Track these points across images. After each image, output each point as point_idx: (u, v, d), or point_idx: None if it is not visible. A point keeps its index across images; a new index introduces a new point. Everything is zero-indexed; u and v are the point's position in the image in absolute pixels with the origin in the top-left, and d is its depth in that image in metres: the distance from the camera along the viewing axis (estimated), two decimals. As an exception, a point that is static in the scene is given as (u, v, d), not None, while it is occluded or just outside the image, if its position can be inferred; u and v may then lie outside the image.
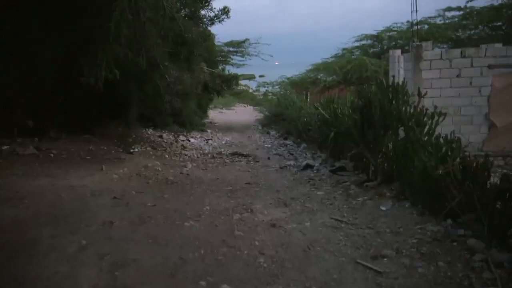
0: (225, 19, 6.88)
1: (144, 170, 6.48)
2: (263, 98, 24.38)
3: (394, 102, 5.37)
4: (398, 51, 11.24)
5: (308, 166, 7.38)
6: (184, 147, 9.42)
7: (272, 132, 13.27)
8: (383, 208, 4.34)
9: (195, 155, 8.70)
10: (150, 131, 10.66)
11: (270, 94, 19.97)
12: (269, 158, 8.72)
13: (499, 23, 15.12)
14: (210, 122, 16.37)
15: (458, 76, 8.00)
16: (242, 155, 9.08)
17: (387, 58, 13.86)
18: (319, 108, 7.47)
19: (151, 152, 8.20)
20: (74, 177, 5.49)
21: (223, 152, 9.25)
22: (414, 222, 3.78)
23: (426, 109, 5.09)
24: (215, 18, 6.81)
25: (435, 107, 5.01)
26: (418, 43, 8.13)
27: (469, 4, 14.90)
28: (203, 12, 6.98)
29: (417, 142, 4.59)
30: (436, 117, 4.92)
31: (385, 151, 5.53)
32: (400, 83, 5.60)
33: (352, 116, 5.79)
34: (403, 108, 5.25)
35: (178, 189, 5.43)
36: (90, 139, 8.58)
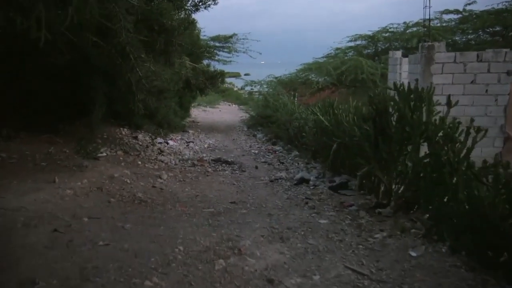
0: (212, 5, 5.66)
1: (108, 183, 5.25)
2: (248, 97, 23.15)
3: (417, 111, 4.30)
4: (399, 53, 10.24)
5: (303, 180, 6.26)
6: (161, 151, 8.18)
7: (259, 135, 12.10)
8: (413, 254, 3.24)
9: (173, 162, 7.48)
10: (125, 131, 9.37)
11: (256, 93, 18.76)
12: (256, 167, 7.57)
13: (498, 28, 14.25)
14: (193, 122, 15.11)
15: (472, 82, 7.00)
16: (227, 162, 7.91)
17: (384, 60, 12.89)
18: (318, 114, 6.35)
19: (121, 158, 6.94)
20: (13, 194, 4.24)
21: (205, 158, 8.05)
22: (466, 285, 2.68)
23: (459, 122, 4.02)
24: (200, 3, 5.60)
25: (471, 120, 3.94)
26: (429, 43, 7.11)
27: (467, 8, 14.00)
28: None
29: (455, 165, 3.51)
30: (473, 133, 3.85)
31: (402, 171, 4.45)
32: (401, 88, 4.53)
33: (362, 127, 4.68)
34: (430, 120, 4.17)
35: (146, 213, 4.23)
36: (52, 140, 7.25)
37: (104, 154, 6.99)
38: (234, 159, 8.29)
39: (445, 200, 3.52)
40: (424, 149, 4.27)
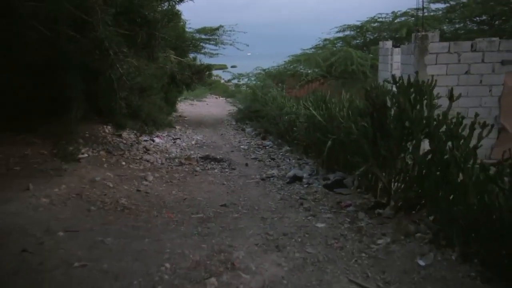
0: (196, -4, 5.25)
1: (88, 188, 4.87)
2: (236, 90, 22.72)
3: (418, 106, 4.01)
4: (389, 43, 9.96)
5: (296, 178, 5.96)
6: (146, 150, 7.79)
7: (248, 129, 11.76)
8: (422, 263, 2.96)
9: (159, 161, 7.10)
10: (109, 129, 8.93)
11: (244, 86, 18.36)
12: (247, 165, 7.24)
13: (485, 17, 14.07)
14: (180, 116, 14.67)
15: (467, 72, 6.76)
16: (216, 160, 7.56)
17: (374, 51, 12.61)
18: (310, 108, 6.03)
19: (104, 159, 6.55)
20: (-19, 205, 3.85)
21: (192, 156, 7.69)
22: (486, 300, 2.41)
23: (462, 117, 3.73)
24: (185, -6, 5.20)
25: (476, 114, 3.66)
26: (423, 33, 6.82)
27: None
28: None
29: (462, 163, 3.23)
30: (478, 129, 3.57)
31: (402, 169, 4.18)
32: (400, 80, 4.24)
33: (359, 123, 4.38)
34: (431, 115, 3.89)
35: (130, 222, 3.88)
36: (29, 141, 6.82)
37: (86, 155, 6.59)
38: (223, 156, 7.95)
39: (452, 201, 3.25)
40: (424, 146, 4.01)
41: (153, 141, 8.64)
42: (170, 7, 5.43)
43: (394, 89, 4.28)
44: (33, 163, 5.69)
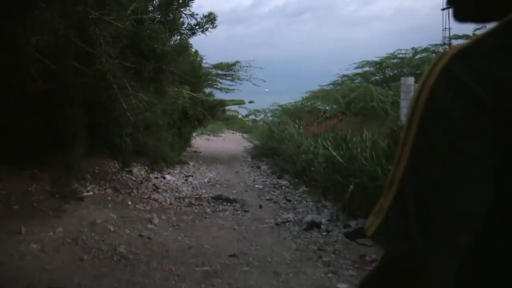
0: (209, 29, 5.00)
1: (87, 232, 4.45)
2: (252, 125, 22.47)
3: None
4: (411, 79, 9.53)
5: (313, 225, 5.42)
6: (156, 188, 7.40)
7: (263, 167, 11.30)
8: None
9: (168, 201, 6.68)
10: (119, 164, 8.63)
11: (260, 122, 18.08)
12: (261, 207, 6.75)
13: None
14: (195, 152, 14.37)
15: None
16: (228, 200, 7.10)
17: (394, 87, 12.20)
18: (330, 149, 5.58)
19: (109, 197, 6.16)
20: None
21: (204, 196, 7.24)
22: None
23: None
24: (197, 27, 4.93)
25: None
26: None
27: (478, 32, 13.36)
28: (183, 19, 5.12)
29: None
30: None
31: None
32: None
33: (385, 166, 3.89)
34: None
35: (125, 276, 3.42)
36: (36, 176, 6.52)
37: (91, 193, 6.23)
38: (236, 196, 7.48)
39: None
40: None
41: (164, 178, 8.26)
42: (181, 40, 5.16)
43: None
44: (34, 201, 5.34)
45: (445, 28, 7.73)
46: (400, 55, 13.57)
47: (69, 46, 4.27)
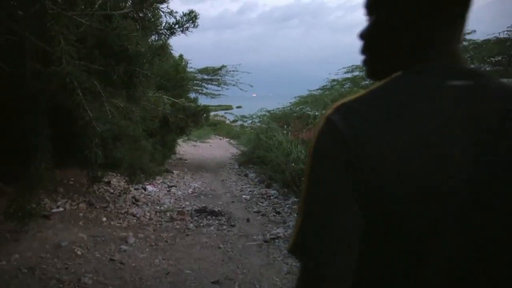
0: (190, 28, 4.46)
1: (48, 258, 3.86)
2: (240, 131, 21.94)
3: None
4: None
5: (306, 242, 4.90)
6: (135, 201, 6.81)
7: (251, 175, 10.78)
8: None
9: (148, 215, 6.10)
10: (102, 172, 7.99)
11: (248, 127, 17.54)
12: (248, 220, 6.21)
13: (500, 58, 13.32)
14: (180, 159, 13.78)
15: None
16: (213, 213, 6.55)
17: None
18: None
19: (81, 213, 5.56)
20: None
21: (186, 209, 6.68)
22: None
23: None
24: (176, 26, 4.39)
25: None
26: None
27: (468, 37, 13.08)
28: (160, 18, 4.58)
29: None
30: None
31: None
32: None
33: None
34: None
35: (85, 318, 2.84)
36: (2, 190, 5.89)
37: (61, 208, 5.63)
38: (222, 208, 6.94)
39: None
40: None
41: (145, 189, 7.67)
42: (159, 40, 4.61)
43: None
44: (-6, 221, 4.71)
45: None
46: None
47: (26, 45, 3.71)
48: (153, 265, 4.10)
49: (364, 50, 0.81)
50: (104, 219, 5.55)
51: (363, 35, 0.80)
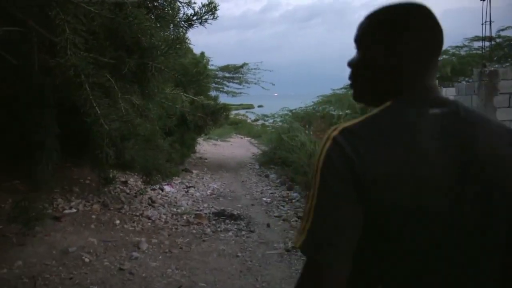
0: (209, 20, 4.11)
1: (54, 265, 3.56)
2: (261, 130, 21.54)
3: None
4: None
5: (331, 252, 4.47)
6: (152, 202, 6.50)
7: (272, 176, 10.36)
8: None
9: (163, 218, 5.78)
10: (114, 173, 7.74)
11: (269, 126, 17.14)
12: (268, 226, 5.81)
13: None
14: (200, 158, 13.47)
15: (549, 118, 5.27)
16: (232, 217, 6.18)
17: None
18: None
19: (94, 215, 5.28)
20: None
21: (204, 212, 6.33)
22: None
23: None
24: (194, 18, 4.04)
25: None
26: (491, 68, 5.43)
27: (503, 33, 12.30)
28: (177, 8, 4.24)
29: None
30: None
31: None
32: None
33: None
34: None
35: None
36: (18, 189, 5.67)
37: (73, 210, 5.37)
38: (241, 212, 6.56)
39: None
40: None
41: (162, 190, 7.36)
42: (176, 33, 4.26)
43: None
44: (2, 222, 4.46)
45: (486, 22, 6.78)
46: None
47: (32, 36, 3.41)
48: (165, 276, 3.75)
49: (351, 77, 0.94)
50: (118, 221, 5.25)
51: (351, 64, 0.93)
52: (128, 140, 3.39)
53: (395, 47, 0.84)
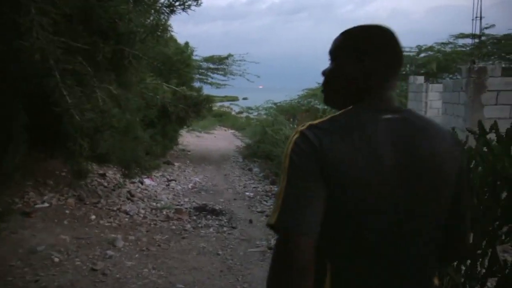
0: (193, 7, 3.86)
1: (19, 266, 3.29)
2: (245, 122, 21.30)
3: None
4: (421, 78, 8.47)
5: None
6: (130, 196, 6.23)
7: (255, 169, 10.17)
8: None
9: (142, 213, 5.53)
10: (91, 166, 7.41)
11: (254, 119, 16.91)
12: (251, 222, 5.62)
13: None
14: (183, 150, 13.18)
15: (536, 117, 5.18)
16: (213, 212, 5.97)
17: (399, 86, 11.13)
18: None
19: (68, 210, 4.99)
20: None
21: (185, 207, 6.10)
22: None
23: None
24: (176, 3, 3.78)
25: None
26: (480, 65, 5.32)
27: (486, 32, 12.29)
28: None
29: None
30: None
31: (495, 267, 2.53)
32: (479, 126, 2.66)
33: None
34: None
35: None
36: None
37: (46, 204, 5.06)
38: (223, 207, 6.36)
39: None
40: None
41: (142, 183, 7.09)
42: (157, 19, 3.98)
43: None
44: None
45: (476, 17, 6.68)
46: (405, 53, 12.44)
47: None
48: (141, 276, 3.52)
49: (323, 84, 1.12)
50: (93, 217, 4.99)
51: (324, 73, 1.11)
52: (101, 132, 3.13)
53: (361, 62, 1.01)
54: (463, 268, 2.54)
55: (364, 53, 1.01)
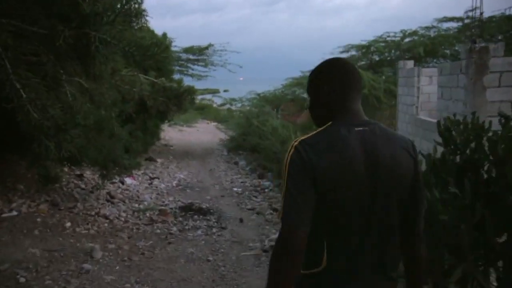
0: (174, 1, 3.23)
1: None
2: (228, 114, 20.79)
3: None
4: (411, 63, 8.12)
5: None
6: (111, 198, 5.72)
7: (241, 162, 9.72)
8: None
9: (123, 216, 5.05)
10: (68, 168, 6.81)
11: (236, 111, 16.40)
12: (241, 221, 5.20)
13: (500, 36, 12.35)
14: (165, 145, 12.64)
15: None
16: (200, 211, 5.53)
17: (387, 72, 10.81)
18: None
19: (39, 219, 4.47)
20: None
21: (170, 207, 5.63)
22: None
23: None
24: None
25: None
26: (482, 44, 4.96)
27: (470, 14, 11.99)
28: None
29: None
30: None
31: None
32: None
33: (446, 189, 2.37)
34: None
35: None
36: None
37: (14, 212, 4.53)
38: (210, 205, 5.92)
39: None
40: None
41: (123, 183, 6.56)
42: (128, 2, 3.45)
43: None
44: None
45: (474, 8, 6.34)
46: (389, 38, 12.10)
47: None
48: (122, 294, 3.06)
49: (309, 110, 1.43)
50: (68, 224, 4.48)
51: (307, 105, 1.43)
52: (66, 131, 2.64)
53: (325, 89, 1.32)
54: (492, 271, 2.17)
55: (326, 81, 1.31)
